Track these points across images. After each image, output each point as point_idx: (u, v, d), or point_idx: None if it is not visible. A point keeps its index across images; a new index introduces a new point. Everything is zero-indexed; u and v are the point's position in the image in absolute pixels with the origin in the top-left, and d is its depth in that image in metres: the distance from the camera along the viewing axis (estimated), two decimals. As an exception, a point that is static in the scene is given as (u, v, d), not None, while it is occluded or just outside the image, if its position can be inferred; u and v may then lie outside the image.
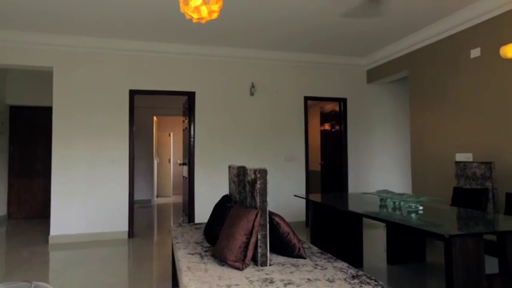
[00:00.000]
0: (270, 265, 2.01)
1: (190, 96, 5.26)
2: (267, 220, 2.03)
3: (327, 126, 6.42)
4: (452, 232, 1.98)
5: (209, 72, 5.32)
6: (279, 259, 2.12)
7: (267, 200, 2.03)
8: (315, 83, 5.75)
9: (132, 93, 5.02)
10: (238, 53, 5.35)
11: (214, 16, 2.17)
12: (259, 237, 2.00)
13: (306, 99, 5.69)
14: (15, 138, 6.36)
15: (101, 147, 4.86)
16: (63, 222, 4.67)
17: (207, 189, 5.22)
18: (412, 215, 2.53)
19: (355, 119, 5.90)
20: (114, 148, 4.90)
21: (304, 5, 3.82)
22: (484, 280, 1.94)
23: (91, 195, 4.79)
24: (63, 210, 4.68)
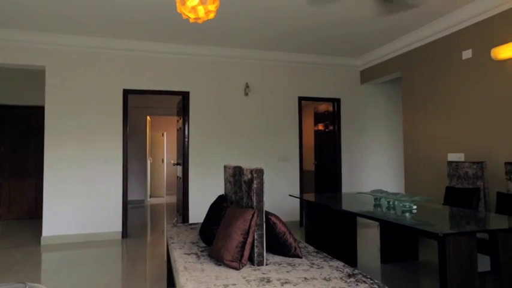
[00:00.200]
0: (266, 265, 2.02)
1: (184, 96, 5.25)
2: (264, 220, 2.04)
3: (321, 127, 6.45)
4: (446, 231, 2.01)
5: (204, 72, 5.31)
6: (275, 258, 2.13)
7: (263, 199, 2.04)
8: (309, 84, 5.77)
9: (126, 93, 4.99)
10: (233, 53, 5.35)
11: (211, 16, 2.17)
12: (256, 236, 2.00)
13: (300, 99, 5.71)
14: (5, 137, 6.26)
15: (94, 147, 4.81)
16: (56, 222, 4.62)
17: (201, 189, 5.21)
18: (406, 214, 2.56)
19: (348, 119, 5.94)
20: (108, 148, 4.86)
21: (299, 5, 3.84)
22: (476, 278, 1.97)
23: (84, 195, 4.74)
24: (55, 210, 4.63)
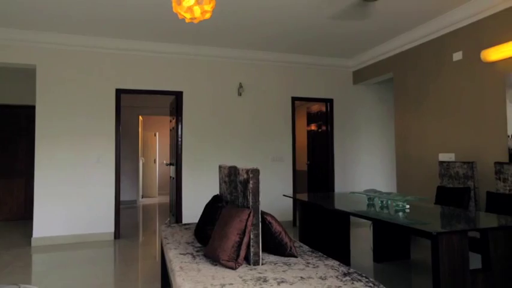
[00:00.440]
0: (262, 264, 2.03)
1: (177, 95, 5.23)
2: (260, 219, 2.05)
3: (314, 127, 6.49)
4: (439, 230, 2.05)
5: (197, 72, 5.30)
6: (271, 258, 2.14)
7: (259, 199, 2.05)
8: (302, 84, 5.80)
9: (119, 93, 4.95)
10: (227, 53, 5.34)
11: (207, 16, 2.17)
12: (252, 236, 2.01)
13: (293, 99, 5.74)
14: (-6, 137, 6.16)
15: (86, 147, 4.76)
16: (47, 224, 4.56)
17: (195, 189, 5.20)
18: (400, 214, 2.60)
19: (341, 120, 5.99)
20: (100, 148, 4.82)
21: (292, 5, 3.86)
22: (468, 275, 2.01)
23: (76, 196, 4.69)
24: (46, 211, 4.56)
